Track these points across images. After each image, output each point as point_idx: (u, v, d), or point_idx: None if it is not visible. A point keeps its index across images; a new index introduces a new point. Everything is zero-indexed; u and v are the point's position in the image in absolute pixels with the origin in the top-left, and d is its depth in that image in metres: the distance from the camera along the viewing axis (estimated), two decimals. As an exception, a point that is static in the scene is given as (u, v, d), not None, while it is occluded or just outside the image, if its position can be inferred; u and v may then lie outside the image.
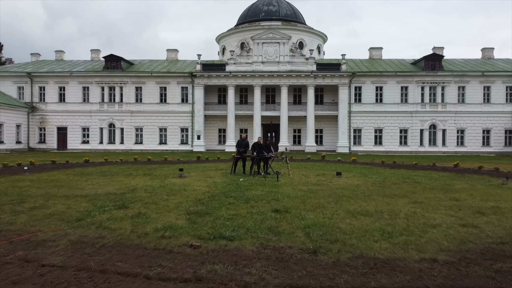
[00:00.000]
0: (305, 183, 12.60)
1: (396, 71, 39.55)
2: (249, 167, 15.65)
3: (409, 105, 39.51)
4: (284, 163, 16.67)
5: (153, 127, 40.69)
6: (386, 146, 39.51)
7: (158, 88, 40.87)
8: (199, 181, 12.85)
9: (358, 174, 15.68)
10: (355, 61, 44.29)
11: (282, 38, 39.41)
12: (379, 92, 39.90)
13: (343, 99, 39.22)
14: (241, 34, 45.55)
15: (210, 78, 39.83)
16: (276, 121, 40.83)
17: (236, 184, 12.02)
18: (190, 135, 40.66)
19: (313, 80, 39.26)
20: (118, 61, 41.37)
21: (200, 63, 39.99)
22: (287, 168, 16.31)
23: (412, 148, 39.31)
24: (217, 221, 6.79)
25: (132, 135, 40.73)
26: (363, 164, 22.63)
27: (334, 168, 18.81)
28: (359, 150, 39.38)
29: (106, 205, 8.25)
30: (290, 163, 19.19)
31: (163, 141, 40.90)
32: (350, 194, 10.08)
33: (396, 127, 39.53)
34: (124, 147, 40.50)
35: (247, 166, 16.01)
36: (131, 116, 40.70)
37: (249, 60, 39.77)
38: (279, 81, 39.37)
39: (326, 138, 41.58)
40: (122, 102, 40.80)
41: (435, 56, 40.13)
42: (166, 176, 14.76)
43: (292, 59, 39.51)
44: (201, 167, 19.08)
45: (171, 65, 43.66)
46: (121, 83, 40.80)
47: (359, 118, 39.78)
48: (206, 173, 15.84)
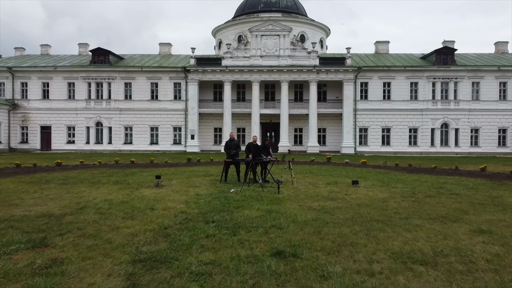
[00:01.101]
0: (314, 196, 9.75)
1: (405, 66, 36.69)
2: (243, 173, 12.80)
3: (419, 102, 36.66)
4: (287, 168, 13.74)
5: (143, 126, 37.80)
6: (395, 147, 36.66)
7: (149, 84, 37.98)
8: (177, 193, 9.99)
9: (377, 182, 12.81)
10: (360, 56, 41.43)
11: (282, 30, 36.55)
12: (386, 88, 37.05)
13: (348, 96, 36.36)
14: (239, 26, 42.66)
15: (205, 73, 36.96)
16: (275, 120, 37.99)
17: (224, 198, 9.16)
18: (183, 134, 37.78)
19: (315, 75, 36.41)
20: (106, 55, 38.47)
21: (194, 57, 37.11)
22: (290, 174, 13.46)
23: (422, 148, 36.47)
24: (176, 282, 3.91)
25: (121, 134, 37.84)
26: (376, 168, 19.78)
27: (344, 173, 15.95)
28: (365, 151, 36.54)
29: (17, 240, 5.38)
30: (293, 167, 16.38)
31: (154, 141, 38.01)
32: (381, 217, 7.21)
33: (405, 126, 36.69)
34: (112, 147, 37.61)
35: (241, 172, 13.16)
36: (120, 114, 37.81)
37: (247, 54, 36.91)
38: (279, 76, 36.52)
39: (329, 138, 38.73)
40: (110, 99, 37.91)
41: (447, 49, 37.30)
42: (140, 184, 11.90)
43: (293, 52, 36.64)
44: (188, 172, 16.22)
45: (164, 60, 40.76)
46: (109, 79, 37.90)
47: (365, 116, 36.94)
48: (191, 181, 12.97)
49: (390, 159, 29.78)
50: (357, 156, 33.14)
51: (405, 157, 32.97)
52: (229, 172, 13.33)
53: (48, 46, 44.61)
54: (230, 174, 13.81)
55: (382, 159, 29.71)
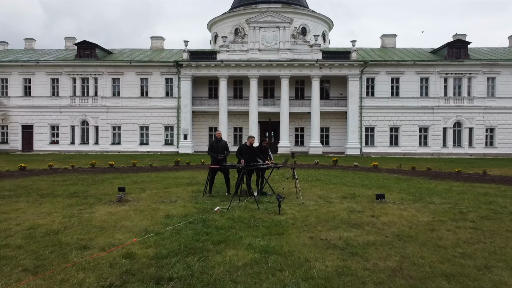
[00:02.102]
0: (330, 219, 7.03)
1: (415, 60, 33.98)
2: (234, 184, 10.10)
3: (430, 99, 33.96)
4: (290, 177, 10.93)
5: (132, 125, 35.03)
6: (403, 147, 33.95)
7: (139, 80, 35.22)
8: (140, 215, 7.26)
9: (406, 195, 10.08)
10: (366, 50, 38.73)
11: (282, 21, 33.82)
12: (395, 84, 34.33)
13: (353, 93, 33.65)
14: (236, 18, 39.91)
15: (199, 68, 34.21)
16: (275, 118, 35.27)
17: (202, 223, 6.45)
18: (175, 134, 35.03)
19: (318, 70, 33.69)
20: (92, 49, 35.72)
21: (187, 51, 34.37)
22: (293, 183, 10.75)
23: (433, 149, 33.76)
24: None
25: (108, 134, 35.07)
26: (391, 173, 17.06)
27: (359, 181, 13.24)
28: (372, 152, 33.83)
29: None
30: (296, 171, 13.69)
31: (145, 141, 35.26)
32: (446, 265, 4.50)
33: (414, 125, 33.97)
34: (99, 148, 34.85)
35: (232, 181, 10.47)
36: (107, 112, 35.05)
37: (244, 47, 34.17)
38: (279, 71, 33.79)
39: (333, 138, 36.01)
40: (96, 96, 35.13)
41: (460, 42, 34.61)
42: (100, 198, 9.19)
43: (294, 46, 33.92)
44: (170, 179, 13.50)
45: (155, 54, 38.02)
46: (95, 74, 35.13)
47: (371, 114, 34.22)
48: (168, 193, 10.25)
49: (400, 161, 27.09)
50: (364, 157, 30.45)
51: (416, 159, 30.29)
52: (215, 181, 10.62)
53: (33, 40, 41.83)
54: (217, 184, 11.12)
55: (391, 161, 27.03)
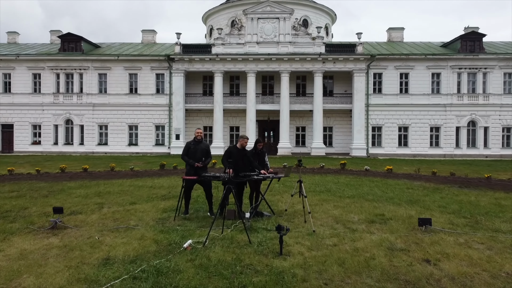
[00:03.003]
0: (362, 269, 4.48)
1: (426, 54, 31.42)
2: (218, 201, 7.51)
3: (442, 96, 31.40)
4: (296, 193, 8.05)
5: (120, 124, 32.43)
6: (413, 148, 31.38)
7: (127, 75, 32.61)
8: (63, 259, 4.70)
9: (453, 216, 7.48)
10: (372, 44, 36.18)
11: (282, 12, 31.24)
12: (404, 80, 31.76)
13: (359, 89, 31.09)
14: (232, 10, 37.31)
15: (192, 63, 31.63)
16: (274, 117, 32.71)
17: (154, 279, 3.87)
18: (167, 134, 32.44)
19: (321, 65, 31.12)
20: (77, 42, 33.11)
21: (179, 44, 31.78)
22: (301, 199, 8.12)
23: (445, 150, 31.20)
24: None
25: (94, 134, 32.46)
26: (410, 179, 14.49)
27: (379, 192, 10.67)
28: (379, 153, 31.26)
29: None
30: (292, 175, 11.14)
31: (134, 141, 32.66)
32: None
33: (425, 124, 31.41)
34: (84, 149, 32.25)
35: (218, 193, 7.89)
36: (93, 110, 32.43)
37: (241, 40, 31.60)
38: (279, 66, 31.22)
39: (336, 138, 33.45)
40: (82, 93, 32.53)
41: (474, 35, 32.05)
42: (30, 222, 6.61)
43: (295, 38, 31.35)
44: (142, 190, 10.92)
45: (146, 48, 35.44)
46: (80, 69, 32.51)
47: (379, 112, 31.66)
48: (130, 212, 7.67)
49: (412, 164, 24.54)
50: (371, 159, 27.90)
51: (428, 161, 27.75)
52: (192, 197, 8.04)
53: (16, 34, 39.21)
54: (199, 198, 8.55)
55: (403, 164, 24.48)
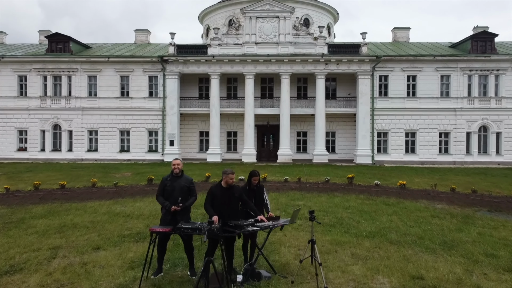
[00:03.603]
0: None
1: (435, 55, 29.66)
2: (201, 258, 5.73)
3: (452, 100, 29.66)
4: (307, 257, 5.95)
5: (111, 129, 30.63)
6: (421, 155, 29.62)
7: (118, 78, 30.82)
8: None
9: None
10: (377, 44, 34.43)
11: (282, 10, 29.47)
12: (411, 82, 30.01)
13: (363, 92, 29.34)
14: (230, 8, 35.49)
15: (187, 64, 29.84)
16: (274, 121, 30.96)
17: None
18: (160, 140, 30.66)
19: (323, 66, 29.36)
20: (66, 42, 31.32)
21: (173, 44, 29.99)
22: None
23: (455, 157, 29.45)
24: None
25: (83, 140, 30.68)
26: (430, 199, 12.74)
27: (403, 226, 8.92)
28: (385, 160, 29.51)
29: None
30: (296, 196, 9.41)
31: (125, 147, 30.87)
32: None
33: (434, 129, 29.66)
34: (73, 155, 30.46)
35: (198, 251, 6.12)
36: (83, 115, 30.65)
37: (238, 40, 29.82)
38: (279, 68, 29.47)
39: (340, 143, 31.71)
40: (70, 97, 30.74)
41: (486, 35, 30.30)
42: None
43: (296, 38, 29.59)
44: (115, 223, 9.17)
45: (139, 49, 33.66)
46: (69, 71, 30.72)
47: (385, 117, 29.90)
48: (87, 267, 5.90)
49: (422, 173, 22.84)
50: (377, 167, 26.14)
51: (437, 169, 26.05)
52: (168, 250, 6.24)
53: (3, 34, 37.50)
54: (173, 249, 6.76)
55: (412, 173, 22.79)
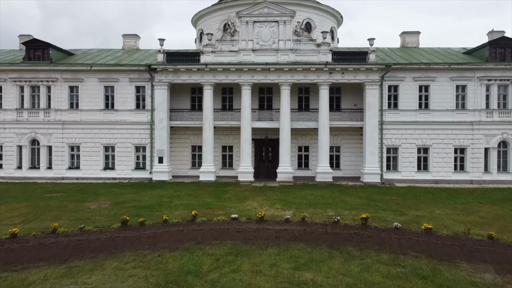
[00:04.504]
0: None
1: (450, 63, 27.02)
2: None
3: (468, 112, 27.03)
4: None
5: (94, 144, 27.94)
6: (435, 173, 26.98)
7: (102, 88, 28.12)
8: None
9: None
10: (384, 50, 31.78)
11: (282, 14, 26.81)
12: (423, 93, 27.38)
13: (371, 104, 26.69)
14: (225, 11, 32.82)
15: (177, 73, 27.17)
16: (273, 135, 28.33)
17: None
18: (148, 156, 27.96)
19: (327, 76, 26.71)
20: (45, 49, 28.57)
21: (162, 51, 27.31)
22: None
23: (472, 175, 26.81)
24: None
25: (64, 156, 27.97)
26: (469, 260, 10.09)
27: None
28: (396, 179, 26.87)
29: None
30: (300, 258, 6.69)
31: (110, 165, 28.16)
32: None
33: (449, 144, 27.03)
34: (52, 174, 27.75)
35: None
36: (63, 129, 27.95)
37: (234, 47, 27.15)
38: (278, 77, 26.81)
39: (345, 159, 29.06)
40: (49, 109, 28.05)
41: (505, 41, 27.61)
42: None
43: (297, 45, 26.93)
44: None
45: (126, 56, 30.94)
46: (48, 81, 28.02)
47: (394, 131, 27.26)
48: None
49: (439, 197, 20.20)
50: (387, 188, 23.46)
51: (455, 190, 23.46)
52: None
53: (-19, 39, 34.66)
54: None
55: (428, 199, 20.17)
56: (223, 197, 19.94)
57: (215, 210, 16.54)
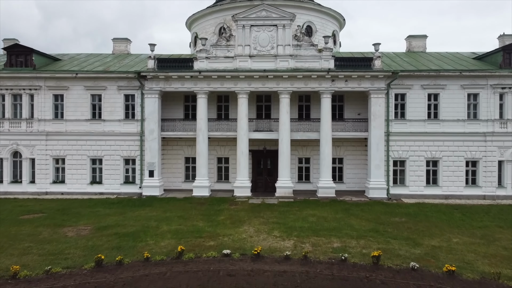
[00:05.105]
0: None
1: (461, 70, 25.24)
2: None
3: (481, 123, 25.26)
4: None
5: (80, 157, 26.12)
6: (445, 188, 25.20)
7: (89, 97, 26.31)
8: None
9: None
10: (389, 55, 30.01)
11: (281, 18, 25.02)
12: (432, 102, 25.60)
13: (377, 114, 24.91)
14: (221, 14, 31.02)
15: (169, 81, 25.38)
16: (272, 146, 26.57)
17: None
18: (138, 169, 26.15)
19: (330, 83, 24.93)
20: (27, 55, 26.72)
21: (153, 57, 25.51)
22: None
23: (485, 190, 25.04)
24: None
25: (48, 169, 26.15)
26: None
27: None
28: (403, 194, 25.09)
29: None
30: None
31: (97, 178, 26.36)
32: None
33: (460, 157, 25.24)
34: (35, 188, 25.94)
35: None
36: (47, 140, 26.13)
37: (230, 52, 25.35)
38: (277, 85, 25.03)
39: (348, 171, 27.29)
40: (32, 119, 26.24)
41: (520, 46, 25.89)
42: None
43: (297, 50, 25.15)
44: None
45: (115, 62, 29.12)
46: (31, 89, 26.21)
47: (402, 143, 25.47)
48: None
49: (452, 217, 18.46)
50: (394, 205, 21.66)
51: (467, 208, 21.73)
52: None
53: (-37, 43, 32.88)
54: None
55: (440, 220, 18.48)
56: (216, 220, 18.13)
57: (206, 239, 14.73)
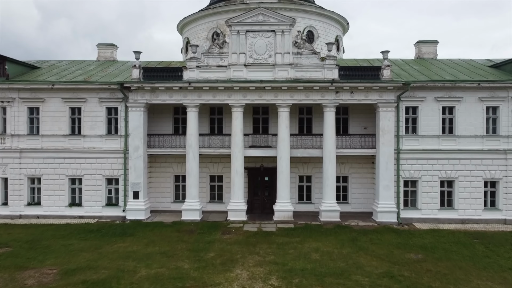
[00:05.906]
0: None
1: (479, 81, 22.82)
2: None
3: (501, 139, 22.83)
4: None
5: (58, 176, 23.63)
6: (461, 211, 22.76)
7: (68, 110, 23.83)
8: None
9: None
10: (397, 62, 27.59)
11: (280, 22, 22.56)
12: (447, 116, 23.17)
13: (386, 129, 22.47)
14: (214, 18, 28.51)
15: (156, 93, 22.92)
16: (270, 163, 24.16)
17: None
18: (122, 190, 23.67)
19: (334, 95, 22.50)
20: (0, 63, 24.26)
21: (139, 66, 23.05)
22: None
23: (506, 213, 22.62)
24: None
25: (22, 190, 23.67)
26: None
27: None
28: (415, 218, 22.67)
29: None
30: None
31: (77, 200, 23.88)
32: None
33: (478, 177, 22.80)
34: (8, 211, 23.45)
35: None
36: (21, 158, 23.65)
37: (223, 61, 22.90)
38: (275, 97, 22.59)
39: (353, 191, 24.83)
40: (5, 134, 23.77)
41: (543, 54, 23.44)
42: None
43: (297, 59, 22.71)
44: None
45: (99, 70, 26.66)
46: (3, 101, 23.73)
47: (413, 161, 23.03)
48: None
49: (473, 250, 16.16)
50: (406, 232, 19.18)
51: (488, 235, 19.38)
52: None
53: None
54: None
55: (462, 255, 16.14)
56: (204, 259, 15.66)
57: (189, 293, 12.27)
